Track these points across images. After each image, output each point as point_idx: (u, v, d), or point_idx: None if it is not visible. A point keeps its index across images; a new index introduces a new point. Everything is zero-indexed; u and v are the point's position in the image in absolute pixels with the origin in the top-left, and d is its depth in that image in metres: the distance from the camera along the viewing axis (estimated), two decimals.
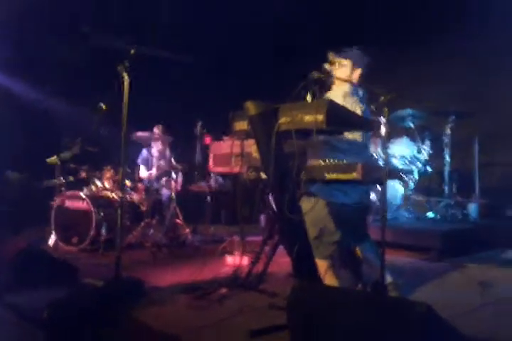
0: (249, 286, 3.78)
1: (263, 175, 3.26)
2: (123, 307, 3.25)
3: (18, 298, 3.42)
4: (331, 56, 3.57)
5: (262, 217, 6.76)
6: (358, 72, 3.61)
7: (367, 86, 3.46)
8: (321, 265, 3.36)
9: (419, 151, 6.45)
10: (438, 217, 6.19)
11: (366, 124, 3.19)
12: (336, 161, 2.89)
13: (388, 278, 3.35)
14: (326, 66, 3.50)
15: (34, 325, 2.89)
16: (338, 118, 2.80)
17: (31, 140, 7.28)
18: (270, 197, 3.69)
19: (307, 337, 2.17)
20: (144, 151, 6.81)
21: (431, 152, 6.51)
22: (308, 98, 3.14)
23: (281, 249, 3.81)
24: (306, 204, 3.27)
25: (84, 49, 7.49)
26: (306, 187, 3.09)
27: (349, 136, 3.41)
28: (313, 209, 3.25)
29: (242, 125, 3.26)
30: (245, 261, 4.57)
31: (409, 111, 6.39)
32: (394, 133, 6.60)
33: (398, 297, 3.03)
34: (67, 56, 7.41)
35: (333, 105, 2.77)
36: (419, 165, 6.43)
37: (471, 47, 6.84)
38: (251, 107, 2.96)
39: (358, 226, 3.55)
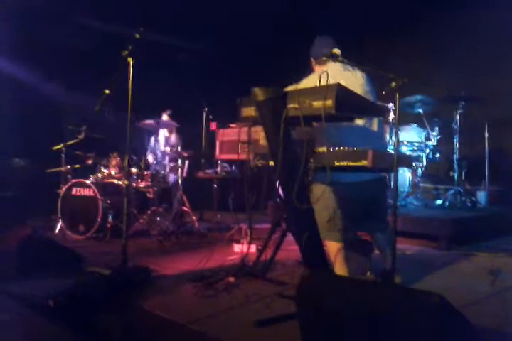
0: (256, 275, 3.75)
1: (271, 163, 3.21)
2: (129, 296, 3.23)
3: (22, 286, 3.40)
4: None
5: (270, 205, 6.72)
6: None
7: (378, 71, 3.38)
8: (332, 247, 3.38)
9: (427, 138, 6.39)
10: (447, 204, 6.13)
11: (377, 110, 3.12)
12: (346, 148, 2.84)
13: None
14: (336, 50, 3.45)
15: (39, 314, 2.88)
16: (348, 103, 2.74)
17: (37, 127, 7.24)
18: (278, 185, 3.64)
19: (317, 326, 2.14)
20: (152, 138, 6.79)
21: (439, 138, 6.45)
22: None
23: (289, 236, 3.78)
24: (316, 190, 3.25)
25: (90, 34, 7.44)
26: (315, 175, 3.04)
27: (359, 122, 3.36)
28: (323, 195, 3.22)
29: (249, 111, 3.21)
30: (253, 249, 4.55)
31: (417, 97, 6.30)
32: (402, 119, 6.52)
33: (409, 287, 2.97)
34: (72, 41, 7.35)
35: (342, 90, 2.70)
36: (428, 151, 6.37)
37: (481, 31, 6.72)
38: (259, 93, 2.90)
39: (370, 204, 3.50)
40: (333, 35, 3.74)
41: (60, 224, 5.70)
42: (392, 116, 6.00)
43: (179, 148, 6.41)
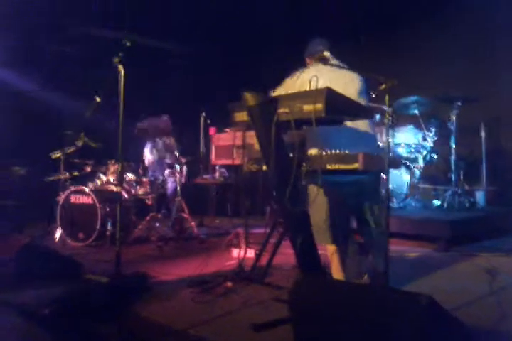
0: (254, 279, 3.75)
1: (264, 167, 3.23)
2: (127, 303, 3.23)
3: (19, 294, 3.40)
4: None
5: (269, 209, 6.73)
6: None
7: (368, 74, 3.40)
8: (329, 249, 3.42)
9: (424, 139, 6.39)
10: (445, 205, 6.12)
11: (366, 112, 3.13)
12: (338, 151, 2.85)
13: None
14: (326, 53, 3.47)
15: (36, 322, 2.88)
16: (338, 106, 2.76)
17: (36, 135, 7.27)
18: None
19: (310, 330, 2.14)
20: (149, 145, 6.79)
21: (436, 139, 6.45)
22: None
23: (287, 240, 3.78)
24: (310, 193, 3.28)
25: (89, 41, 7.48)
26: (308, 178, 3.06)
27: (354, 124, 3.38)
28: (317, 197, 3.24)
29: (242, 116, 3.23)
30: (251, 253, 4.55)
31: (413, 98, 6.30)
32: (399, 121, 6.53)
33: (401, 289, 2.98)
34: (68, 49, 7.38)
35: (331, 93, 2.72)
36: (425, 153, 6.37)
37: (476, 31, 6.74)
38: (249, 98, 2.93)
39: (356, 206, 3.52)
40: (326, 37, 3.78)
41: (59, 232, 5.71)
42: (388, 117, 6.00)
43: (177, 154, 6.42)
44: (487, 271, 4.00)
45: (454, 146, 6.25)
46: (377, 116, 5.68)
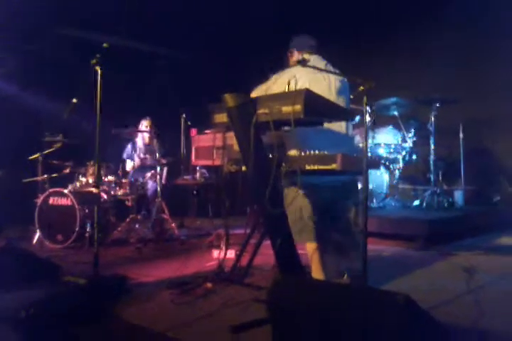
0: (234, 280, 3.75)
1: (243, 168, 3.23)
2: (106, 305, 3.21)
3: None
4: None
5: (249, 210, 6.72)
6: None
7: (346, 75, 3.43)
8: (309, 247, 3.44)
9: (404, 140, 6.46)
10: (424, 205, 6.19)
11: (345, 114, 3.16)
12: (316, 152, 2.87)
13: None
14: (306, 56, 3.51)
15: (12, 326, 2.84)
16: (316, 107, 2.78)
17: (14, 137, 7.18)
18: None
19: (288, 331, 2.15)
20: (129, 146, 6.75)
21: (416, 140, 6.52)
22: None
23: (267, 241, 3.79)
24: (289, 193, 3.30)
25: (68, 43, 7.41)
26: (287, 179, 3.07)
27: (330, 125, 3.40)
28: (295, 197, 3.26)
29: (221, 117, 3.24)
30: (231, 254, 4.54)
31: (393, 99, 6.37)
32: (379, 122, 6.58)
33: (379, 289, 3.00)
34: (47, 50, 7.30)
35: (310, 95, 2.74)
36: (405, 153, 6.44)
37: (456, 32, 6.83)
38: (229, 99, 2.93)
39: (334, 205, 3.55)
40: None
41: (37, 234, 5.66)
42: (368, 119, 6.05)
43: (157, 155, 6.39)
44: (465, 269, 4.04)
45: (433, 147, 6.33)
46: (357, 117, 5.72)
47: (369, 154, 3.06)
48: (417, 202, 6.34)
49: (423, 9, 7.09)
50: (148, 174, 6.26)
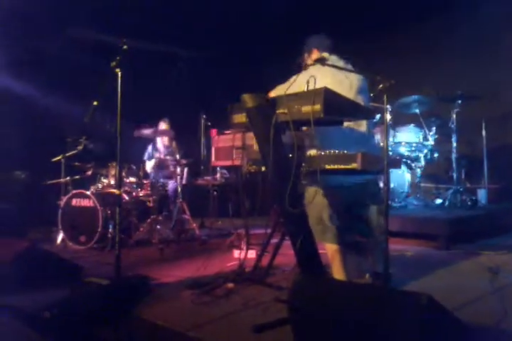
0: (255, 280, 3.75)
1: (263, 168, 3.23)
2: (128, 306, 3.23)
3: (19, 298, 3.40)
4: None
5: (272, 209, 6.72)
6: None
7: (366, 73, 3.40)
8: (329, 250, 3.41)
9: (425, 138, 6.39)
10: (447, 203, 6.12)
11: (365, 112, 3.13)
12: (336, 152, 2.85)
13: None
14: (325, 55, 3.49)
15: (36, 326, 2.88)
16: (336, 107, 2.75)
17: (37, 139, 7.29)
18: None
19: (309, 331, 2.14)
20: (150, 147, 6.80)
21: (437, 138, 6.45)
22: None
23: (289, 241, 3.78)
24: (308, 193, 3.29)
25: (89, 45, 7.49)
26: (307, 179, 3.06)
27: (351, 125, 3.38)
28: (315, 197, 3.24)
29: (240, 118, 3.22)
30: (252, 254, 4.55)
31: (414, 97, 6.32)
32: (400, 120, 6.54)
33: (401, 289, 2.98)
34: (71, 53, 7.39)
35: (329, 94, 2.71)
36: (426, 151, 6.37)
37: (477, 30, 6.73)
38: (248, 100, 2.92)
39: (355, 205, 3.53)
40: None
41: (61, 236, 5.73)
42: (388, 117, 6.01)
43: (178, 156, 6.43)
44: (489, 269, 3.98)
45: (455, 145, 6.25)
46: (378, 116, 5.68)
47: (390, 153, 3.03)
48: (439, 201, 6.26)
49: (445, 6, 7.00)
50: (168, 174, 6.30)
